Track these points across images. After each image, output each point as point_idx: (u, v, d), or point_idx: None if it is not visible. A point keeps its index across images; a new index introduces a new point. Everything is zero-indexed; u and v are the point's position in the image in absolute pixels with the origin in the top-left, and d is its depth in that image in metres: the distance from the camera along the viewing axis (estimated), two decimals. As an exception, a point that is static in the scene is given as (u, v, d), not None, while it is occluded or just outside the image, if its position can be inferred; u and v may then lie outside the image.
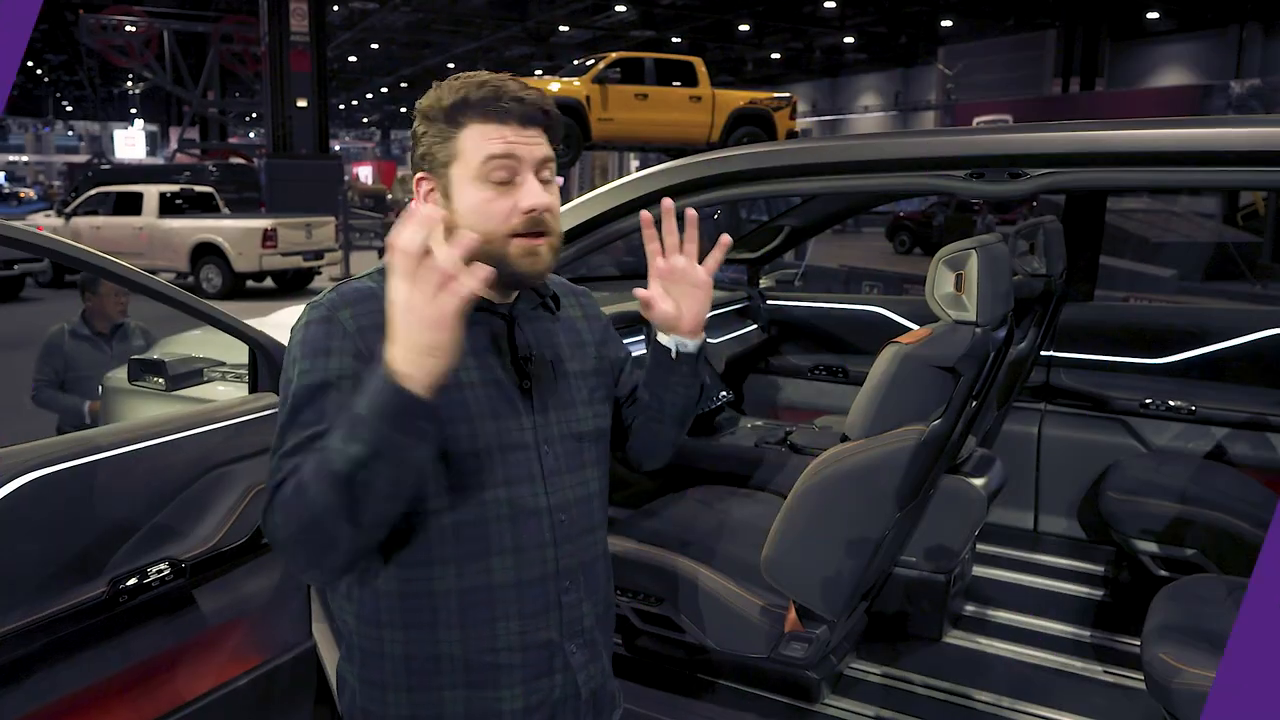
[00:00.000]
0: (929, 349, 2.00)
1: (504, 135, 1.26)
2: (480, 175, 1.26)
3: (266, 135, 19.78)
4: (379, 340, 1.15)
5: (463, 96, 1.26)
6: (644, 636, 2.49)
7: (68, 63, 42.14)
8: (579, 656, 1.36)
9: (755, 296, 3.96)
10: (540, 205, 1.26)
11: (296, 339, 1.27)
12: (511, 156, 1.26)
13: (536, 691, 1.33)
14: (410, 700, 1.31)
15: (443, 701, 1.30)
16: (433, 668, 1.30)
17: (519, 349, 1.34)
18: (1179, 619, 2.06)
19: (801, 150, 2.01)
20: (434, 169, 1.29)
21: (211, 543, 1.91)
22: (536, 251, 1.28)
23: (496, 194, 1.26)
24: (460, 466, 1.25)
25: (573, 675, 1.36)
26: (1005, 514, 3.49)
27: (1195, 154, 1.67)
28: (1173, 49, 30.87)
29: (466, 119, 1.26)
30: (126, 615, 1.73)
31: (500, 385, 1.31)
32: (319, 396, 1.21)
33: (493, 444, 1.27)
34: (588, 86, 13.24)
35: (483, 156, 1.25)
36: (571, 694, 1.36)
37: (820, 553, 2.09)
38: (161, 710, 1.78)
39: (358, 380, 1.19)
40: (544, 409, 1.34)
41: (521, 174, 1.27)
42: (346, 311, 1.25)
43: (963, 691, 2.42)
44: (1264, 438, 3.18)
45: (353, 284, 1.31)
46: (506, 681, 1.31)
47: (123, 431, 1.81)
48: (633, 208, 2.09)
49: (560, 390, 1.37)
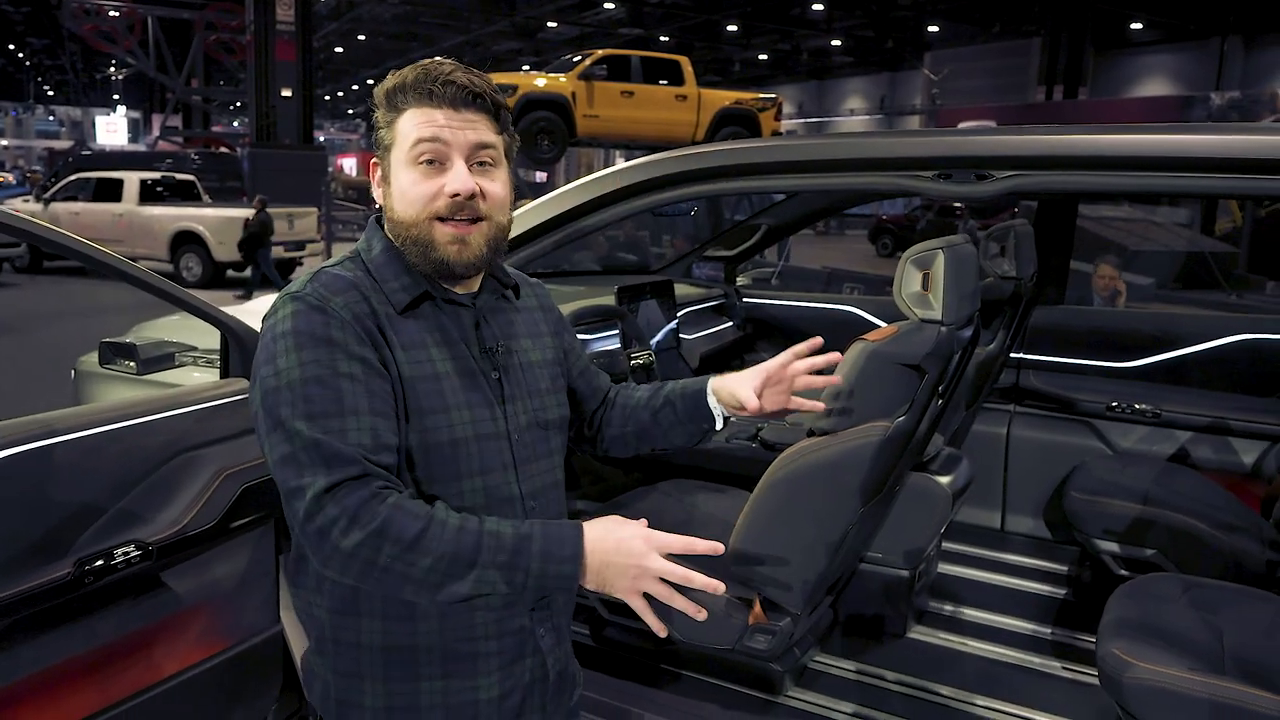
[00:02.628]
0: (895, 346, 2.03)
1: (434, 119, 1.26)
2: (410, 158, 1.27)
3: (250, 124, 19.67)
4: (369, 330, 1.23)
5: (401, 80, 1.28)
6: (611, 627, 2.52)
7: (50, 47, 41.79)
8: (548, 640, 1.40)
9: (731, 294, 3.99)
10: (464, 190, 1.26)
11: (285, 328, 1.23)
12: (438, 140, 1.26)
13: (511, 677, 1.36)
14: (387, 690, 1.32)
15: (420, 691, 1.32)
16: (410, 658, 1.31)
17: (486, 340, 1.36)
18: (1133, 615, 2.10)
19: (771, 148, 2.04)
20: (379, 152, 1.32)
21: (179, 526, 1.91)
22: (465, 240, 1.28)
23: (423, 176, 1.27)
24: (438, 456, 1.27)
25: (543, 658, 1.39)
26: (973, 513, 3.54)
27: (1159, 159, 1.71)
28: (1156, 59, 31.20)
29: (404, 103, 1.28)
30: (92, 597, 1.73)
31: (472, 376, 1.32)
32: (333, 387, 1.19)
33: (468, 434, 1.29)
34: (573, 83, 13.24)
35: (413, 139, 1.26)
36: (541, 676, 1.39)
37: (785, 546, 2.12)
38: (127, 692, 1.78)
39: (367, 365, 1.21)
40: (512, 398, 1.36)
41: (451, 158, 1.27)
42: (338, 300, 1.24)
43: (924, 686, 2.46)
44: (1226, 441, 3.23)
45: (330, 272, 1.30)
46: (484, 669, 1.33)
47: (90, 414, 1.81)
48: (602, 203, 2.12)
49: (526, 380, 1.39)
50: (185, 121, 29.02)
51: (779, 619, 2.21)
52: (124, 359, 2.08)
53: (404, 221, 1.28)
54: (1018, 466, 3.51)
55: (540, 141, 13.06)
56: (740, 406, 1.48)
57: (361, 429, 1.18)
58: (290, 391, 1.19)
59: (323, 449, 1.16)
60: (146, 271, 1.87)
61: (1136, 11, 28.24)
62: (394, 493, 1.18)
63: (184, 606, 1.91)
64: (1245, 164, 1.62)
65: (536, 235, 2.18)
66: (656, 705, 2.27)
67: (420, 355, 1.28)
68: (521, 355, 1.41)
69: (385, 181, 1.31)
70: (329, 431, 1.17)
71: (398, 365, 1.25)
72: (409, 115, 1.27)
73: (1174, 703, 1.82)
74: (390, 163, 1.29)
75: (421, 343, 1.29)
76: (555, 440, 1.44)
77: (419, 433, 1.25)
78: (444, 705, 1.33)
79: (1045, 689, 2.47)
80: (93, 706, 1.73)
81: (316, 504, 1.15)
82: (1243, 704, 1.77)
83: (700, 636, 2.27)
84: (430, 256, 1.28)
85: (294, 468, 1.17)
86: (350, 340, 1.22)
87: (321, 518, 1.14)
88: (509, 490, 1.33)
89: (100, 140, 36.84)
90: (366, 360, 1.22)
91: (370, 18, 32.63)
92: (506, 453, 1.33)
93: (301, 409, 1.18)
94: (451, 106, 1.26)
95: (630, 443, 1.60)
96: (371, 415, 1.20)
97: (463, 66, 1.29)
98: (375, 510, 1.14)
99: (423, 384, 1.26)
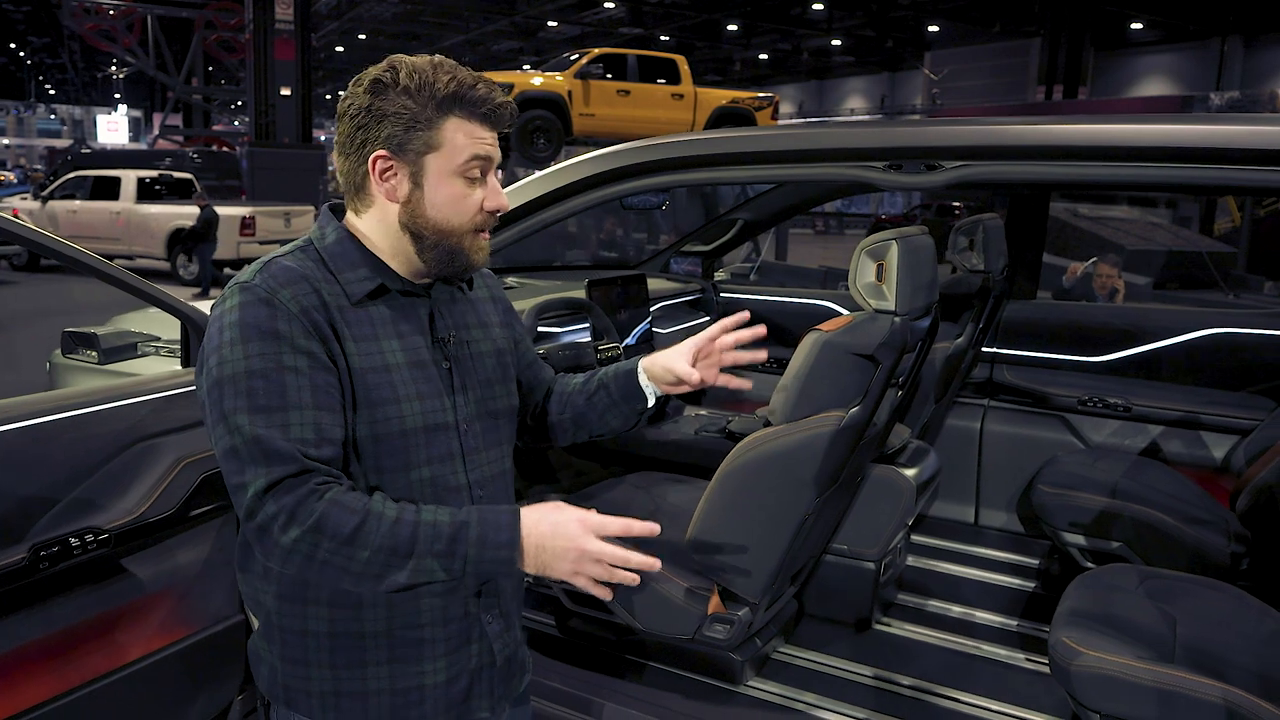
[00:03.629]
0: (848, 336, 2.04)
1: (484, 137, 1.30)
2: (460, 171, 1.29)
3: (249, 123, 19.68)
4: (317, 322, 1.24)
5: (457, 91, 1.26)
6: (575, 618, 2.53)
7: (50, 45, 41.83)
8: (495, 626, 1.41)
9: (709, 289, 4.00)
10: (503, 207, 1.34)
11: (232, 319, 1.23)
12: (488, 159, 1.31)
13: (457, 663, 1.37)
14: (334, 676, 1.34)
15: (366, 677, 1.34)
16: (357, 644, 1.33)
17: (439, 330, 1.37)
18: (1087, 605, 2.11)
19: (727, 140, 2.05)
20: (403, 151, 1.27)
21: (138, 513, 1.92)
22: (485, 246, 1.35)
23: (468, 190, 1.30)
24: (388, 447, 1.28)
25: (489, 644, 1.40)
26: (946, 507, 3.55)
27: (1103, 149, 1.71)
28: (1156, 59, 31.18)
29: (455, 112, 1.27)
30: (49, 583, 1.74)
31: (424, 366, 1.33)
32: (277, 381, 1.20)
33: (418, 424, 1.30)
34: (570, 81, 13.24)
35: (468, 155, 1.28)
36: (488, 662, 1.41)
37: (741, 535, 2.13)
38: (87, 677, 1.79)
39: (313, 359, 1.23)
40: (462, 388, 1.37)
41: (487, 173, 1.32)
42: (286, 292, 1.24)
43: (886, 677, 2.47)
44: (1197, 436, 3.24)
45: (281, 263, 1.29)
46: (430, 655, 1.35)
47: (48, 400, 1.82)
48: (567, 193, 2.13)
49: (477, 369, 1.41)
50: (186, 120, 29.02)
51: (737, 609, 2.22)
52: (86, 348, 2.10)
53: (445, 229, 1.31)
54: (991, 461, 3.52)
55: (536, 140, 13.05)
56: (676, 381, 1.50)
57: (304, 424, 1.20)
58: (234, 384, 1.20)
59: (263, 445, 1.18)
60: (101, 260, 1.88)
61: (1136, 11, 28.23)
62: (333, 487, 1.20)
63: (145, 593, 1.92)
64: (1183, 153, 1.63)
65: (502, 225, 2.20)
66: (619, 695, 2.29)
67: (371, 347, 1.29)
68: (473, 345, 1.42)
69: (413, 184, 1.29)
70: (271, 426, 1.19)
71: (347, 357, 1.26)
72: (459, 125, 1.28)
73: (1120, 690, 1.83)
74: (428, 168, 1.28)
75: (373, 334, 1.30)
76: (504, 430, 1.46)
77: (369, 424, 1.27)
78: (390, 690, 1.34)
79: (1006, 679, 2.48)
80: (52, 690, 1.74)
81: (257, 502, 1.17)
82: (1189, 691, 1.78)
83: (660, 626, 2.28)
84: (459, 260, 1.33)
85: (236, 463, 1.19)
86: (296, 334, 1.22)
87: (261, 515, 1.17)
88: (456, 479, 1.34)
89: (101, 139, 36.91)
90: (312, 354, 1.23)
91: (370, 17, 32.66)
92: (455, 442, 1.35)
93: (245, 402, 1.19)
94: (494, 128, 1.32)
95: (568, 429, 1.61)
96: (315, 410, 1.21)
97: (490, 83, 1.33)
98: (312, 507, 1.17)
99: (373, 375, 1.27)
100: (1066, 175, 1.77)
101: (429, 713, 1.36)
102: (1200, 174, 1.63)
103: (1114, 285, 6.06)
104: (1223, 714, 1.74)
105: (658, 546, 2.33)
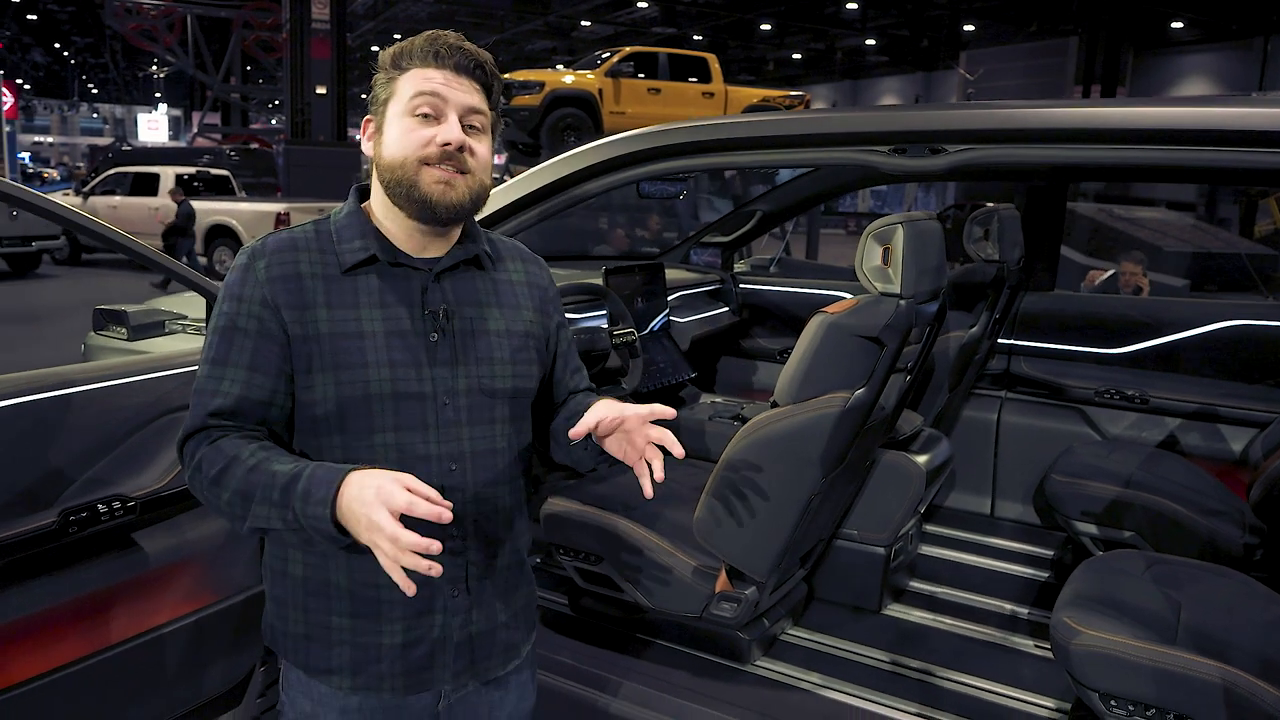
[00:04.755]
0: (853, 318, 2.07)
1: (434, 78, 1.35)
2: (408, 110, 1.35)
3: (286, 121, 19.93)
4: (285, 290, 1.33)
5: (407, 45, 1.38)
6: (586, 596, 2.58)
7: (93, 45, 42.55)
8: (459, 601, 1.41)
9: (728, 280, 4.04)
10: (454, 140, 1.34)
11: (227, 279, 1.39)
12: (437, 95, 1.35)
13: (416, 629, 1.40)
14: (306, 620, 1.41)
15: (331, 626, 1.39)
16: (325, 592, 1.39)
17: (430, 303, 1.39)
18: (1092, 588, 2.12)
19: (734, 125, 2.08)
20: (375, 108, 1.40)
21: (162, 484, 1.99)
22: (450, 183, 1.35)
23: (418, 125, 1.35)
24: (353, 409, 1.34)
25: (452, 618, 1.41)
26: (963, 498, 3.56)
27: (1106, 132, 1.73)
28: (1196, 59, 30.67)
29: (408, 64, 1.37)
30: (78, 547, 1.82)
31: (404, 336, 1.37)
32: (227, 337, 1.35)
33: (385, 390, 1.34)
34: (601, 80, 13.30)
35: (413, 91, 1.35)
36: (449, 635, 1.42)
37: (747, 515, 2.17)
38: (112, 640, 1.86)
39: (261, 324, 1.34)
40: (449, 361, 1.39)
41: (445, 114, 1.35)
42: (262, 262, 1.36)
43: (893, 659, 2.49)
44: (1214, 428, 3.23)
45: (283, 233, 1.40)
46: (387, 616, 1.38)
47: (79, 372, 1.90)
48: (577, 179, 2.19)
49: (477, 346, 1.42)
50: (224, 119, 29.45)
51: (744, 587, 2.26)
52: (116, 325, 2.18)
53: (392, 164, 1.35)
54: (1008, 453, 3.52)
55: (567, 138, 13.11)
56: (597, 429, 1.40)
57: (235, 380, 1.34)
58: (208, 336, 1.38)
59: (196, 397, 1.35)
60: (133, 240, 1.96)
61: (1177, 10, 27.81)
62: (226, 435, 1.33)
63: (168, 562, 1.99)
64: (1180, 135, 1.65)
65: (515, 211, 2.25)
66: (629, 671, 2.33)
67: (347, 314, 1.35)
68: (477, 322, 1.43)
69: (378, 132, 1.39)
70: (210, 378, 1.35)
71: (318, 324, 1.34)
72: (411, 74, 1.36)
73: (1118, 669, 1.85)
74: (386, 115, 1.38)
75: (353, 303, 1.36)
76: (502, 409, 1.44)
77: (335, 385, 1.33)
78: (351, 643, 1.39)
79: (1013, 664, 2.49)
80: (77, 652, 1.80)
81: (182, 442, 1.36)
82: (1186, 670, 1.80)
83: (668, 603, 2.33)
84: (414, 197, 1.34)
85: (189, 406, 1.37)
86: (254, 300, 1.34)
87: (183, 454, 1.36)
88: (424, 450, 1.37)
89: (142, 137, 37.55)
90: (262, 319, 1.34)
91: (406, 16, 32.96)
92: (429, 413, 1.37)
93: (205, 354, 1.37)
94: (453, 71, 1.36)
95: (547, 441, 1.60)
96: (249, 369, 1.34)
97: (462, 38, 1.39)
98: (200, 451, 1.32)
99: (344, 340, 1.34)
100: (1067, 158, 1.79)
101: (386, 671, 1.40)
102: (1197, 156, 1.65)
103: (1138, 283, 6.04)
104: (1220, 692, 1.75)
105: (669, 526, 2.38)
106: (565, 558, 2.49)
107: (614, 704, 2.24)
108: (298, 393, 1.36)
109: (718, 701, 2.20)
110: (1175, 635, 1.96)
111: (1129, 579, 2.19)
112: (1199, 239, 13.15)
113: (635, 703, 2.23)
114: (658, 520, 2.44)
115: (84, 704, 1.80)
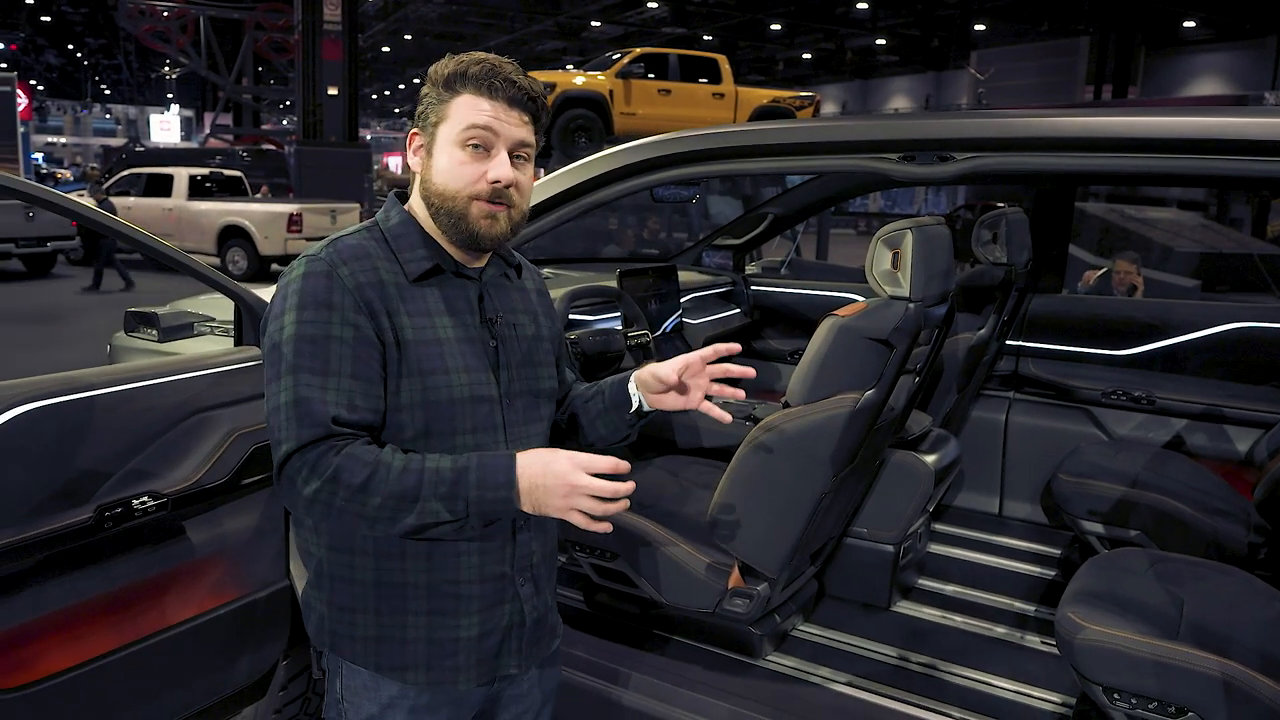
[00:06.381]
0: (863, 321, 2.12)
1: (488, 110, 1.40)
2: (460, 140, 1.41)
3: (297, 122, 20.04)
4: (375, 297, 1.37)
5: (462, 69, 1.42)
6: (602, 592, 2.63)
7: (106, 47, 42.81)
8: (526, 589, 1.52)
9: (739, 281, 4.09)
10: (504, 178, 1.41)
11: (293, 288, 1.38)
12: (490, 130, 1.40)
13: (490, 619, 1.48)
14: (378, 622, 1.46)
15: (407, 625, 1.46)
16: (400, 593, 1.45)
17: (486, 311, 1.49)
18: (1096, 585, 2.17)
19: (746, 133, 2.14)
20: (425, 127, 1.45)
21: (193, 480, 2.06)
22: (495, 216, 1.42)
23: (470, 159, 1.41)
24: (437, 413, 1.41)
25: (520, 605, 1.51)
26: (971, 498, 3.60)
27: (1113, 140, 1.78)
28: (1209, 58, 30.54)
29: (461, 88, 1.41)
30: (111, 542, 1.88)
31: (472, 343, 1.46)
32: (323, 347, 1.35)
33: (465, 394, 1.42)
34: (611, 81, 13.35)
35: (466, 123, 1.40)
36: (518, 621, 1.52)
37: (759, 512, 2.23)
38: (142, 633, 1.92)
39: (359, 332, 1.36)
40: (507, 365, 1.49)
41: (496, 148, 1.41)
42: (345, 269, 1.39)
43: (901, 655, 2.54)
44: (1220, 429, 3.27)
45: (346, 240, 1.44)
46: (465, 610, 1.46)
47: (113, 373, 1.96)
48: (594, 185, 2.24)
49: (522, 350, 1.53)
50: (236, 119, 29.60)
51: (756, 583, 2.32)
52: (147, 327, 2.24)
53: (444, 194, 1.42)
54: (1016, 453, 3.57)
55: (578, 139, 13.17)
56: (662, 387, 1.54)
57: (340, 389, 1.34)
58: (288, 346, 1.35)
59: (300, 408, 1.32)
60: (162, 243, 2.02)
61: (1189, 9, 27.73)
62: (351, 443, 1.33)
63: (198, 556, 2.05)
64: (1186, 144, 1.69)
65: (535, 215, 2.31)
66: (643, 665, 2.38)
67: (425, 321, 1.42)
68: (519, 329, 1.54)
69: (427, 153, 1.45)
70: (310, 386, 1.33)
71: (400, 330, 1.39)
72: (465, 100, 1.41)
73: (1122, 663, 1.89)
74: (437, 137, 1.43)
75: (428, 310, 1.43)
76: (544, 408, 1.57)
77: (421, 391, 1.39)
78: (428, 639, 1.46)
79: (1020, 660, 2.54)
80: (109, 644, 1.87)
81: (286, 458, 1.32)
82: (1187, 664, 1.84)
83: (681, 599, 2.38)
84: (461, 228, 1.42)
85: (278, 420, 1.34)
86: (348, 306, 1.36)
87: (289, 469, 1.32)
88: (497, 448, 1.46)
89: (154, 137, 37.81)
90: (359, 327, 1.36)
91: (417, 18, 33.06)
92: (498, 414, 1.46)
93: (292, 362, 1.34)
94: (506, 104, 1.41)
95: (566, 429, 1.70)
96: (352, 378, 1.35)
97: (519, 69, 1.44)
98: (329, 460, 1.31)
99: (426, 348, 1.40)
100: (1074, 166, 1.84)
101: (462, 664, 1.48)
102: (1203, 165, 1.70)
103: (1132, 282, 6.06)
104: (1220, 686, 1.80)
105: (683, 523, 2.44)
106: (581, 554, 2.55)
107: (628, 697, 2.29)
108: (386, 397, 1.40)
109: (730, 695, 2.25)
110: (1177, 630, 2.00)
111: (1133, 576, 2.23)
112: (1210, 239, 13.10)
113: (649, 696, 2.28)
114: (672, 518, 2.50)
115: (116, 694, 1.85)
